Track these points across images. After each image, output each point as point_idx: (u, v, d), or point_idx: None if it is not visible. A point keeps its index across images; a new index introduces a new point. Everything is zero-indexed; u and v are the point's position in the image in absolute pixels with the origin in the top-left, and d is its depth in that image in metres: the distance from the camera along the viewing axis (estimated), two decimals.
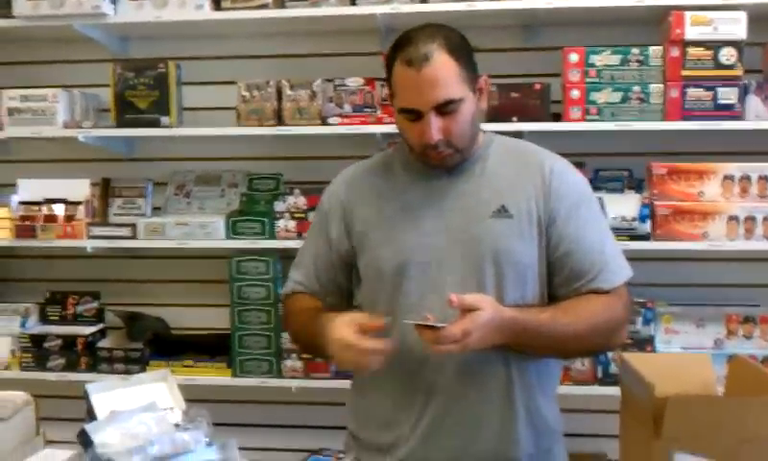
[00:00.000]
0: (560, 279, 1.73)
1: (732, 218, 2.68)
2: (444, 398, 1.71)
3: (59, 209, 3.08)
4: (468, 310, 1.55)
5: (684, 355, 2.63)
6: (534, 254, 1.73)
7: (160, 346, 3.13)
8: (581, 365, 2.79)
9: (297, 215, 2.93)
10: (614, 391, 2.56)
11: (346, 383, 2.86)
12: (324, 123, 2.90)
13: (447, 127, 1.68)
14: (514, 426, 1.72)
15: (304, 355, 2.95)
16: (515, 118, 2.76)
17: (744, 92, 2.66)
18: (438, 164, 1.74)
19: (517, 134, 2.41)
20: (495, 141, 1.83)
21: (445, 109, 1.66)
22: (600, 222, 1.82)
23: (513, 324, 1.61)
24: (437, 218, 1.75)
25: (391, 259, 1.75)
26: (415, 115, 1.68)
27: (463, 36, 1.73)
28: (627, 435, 1.60)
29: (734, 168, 2.71)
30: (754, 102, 2.67)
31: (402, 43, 1.69)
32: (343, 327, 1.62)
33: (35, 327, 3.22)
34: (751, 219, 2.68)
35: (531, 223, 1.73)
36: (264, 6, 2.86)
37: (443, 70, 1.65)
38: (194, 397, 1.85)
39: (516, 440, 1.72)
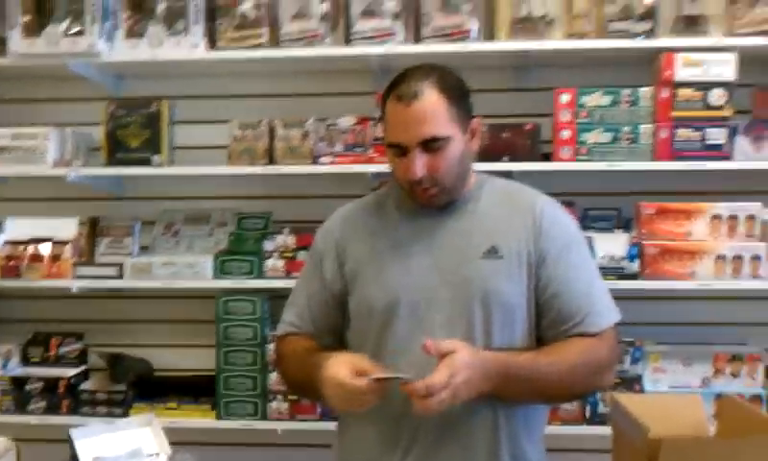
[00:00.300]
0: (547, 321, 1.74)
1: (720, 257, 2.69)
2: (428, 441, 1.70)
3: (44, 249, 3.04)
4: (444, 356, 1.55)
5: (675, 396, 2.60)
6: (523, 295, 1.73)
7: (144, 388, 3.06)
8: (569, 405, 2.75)
9: (286, 254, 2.91)
10: (603, 431, 2.59)
11: (332, 425, 2.80)
12: (316, 162, 2.91)
13: (433, 164, 1.70)
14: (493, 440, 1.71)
15: (291, 397, 2.89)
16: (505, 158, 2.78)
17: (732, 133, 2.70)
18: (425, 203, 1.75)
19: (507, 174, 2.44)
20: (488, 182, 1.85)
21: (431, 145, 1.69)
22: (588, 264, 1.82)
23: (495, 364, 1.60)
24: (427, 256, 1.75)
25: (381, 298, 1.75)
26: (401, 151, 1.70)
27: (459, 77, 1.78)
28: None
29: (722, 208, 2.73)
30: (742, 142, 2.71)
31: (397, 80, 1.74)
32: (337, 366, 1.61)
33: (16, 368, 3.14)
34: (738, 258, 2.68)
35: (521, 264, 1.73)
36: (259, 45, 2.89)
37: (431, 107, 1.69)
38: (178, 439, 1.84)
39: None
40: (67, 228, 3.09)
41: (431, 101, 1.68)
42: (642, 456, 1.40)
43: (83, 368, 3.15)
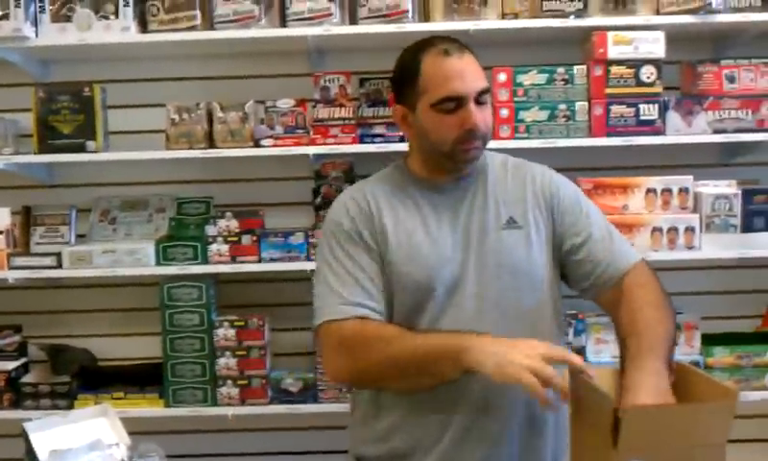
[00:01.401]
0: (580, 272, 1.81)
1: (656, 230, 2.79)
2: (470, 409, 1.73)
3: None
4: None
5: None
6: (544, 260, 1.80)
7: (88, 379, 3.02)
8: None
9: (230, 239, 2.89)
10: None
11: (281, 408, 2.88)
12: (257, 145, 2.88)
13: (483, 117, 1.73)
14: (540, 434, 1.78)
15: (240, 382, 2.90)
16: None
17: (664, 108, 2.78)
18: (466, 159, 1.77)
19: None
20: (488, 157, 1.88)
21: (482, 98, 1.74)
22: (598, 212, 1.90)
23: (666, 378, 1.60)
24: (452, 232, 1.79)
25: (416, 275, 1.75)
26: (454, 105, 1.71)
27: None
28: (580, 446, 1.63)
29: (656, 181, 2.82)
30: (673, 117, 2.79)
31: (428, 42, 1.78)
32: (531, 347, 1.57)
33: None
34: (673, 230, 2.78)
35: (539, 230, 1.81)
36: (193, 28, 2.82)
37: (476, 62, 1.76)
38: (127, 430, 1.80)
39: (541, 447, 1.79)
40: None
41: (473, 57, 1.76)
42: (604, 428, 1.43)
43: (23, 361, 3.08)
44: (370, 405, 1.86)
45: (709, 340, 2.92)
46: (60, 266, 2.92)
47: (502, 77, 2.80)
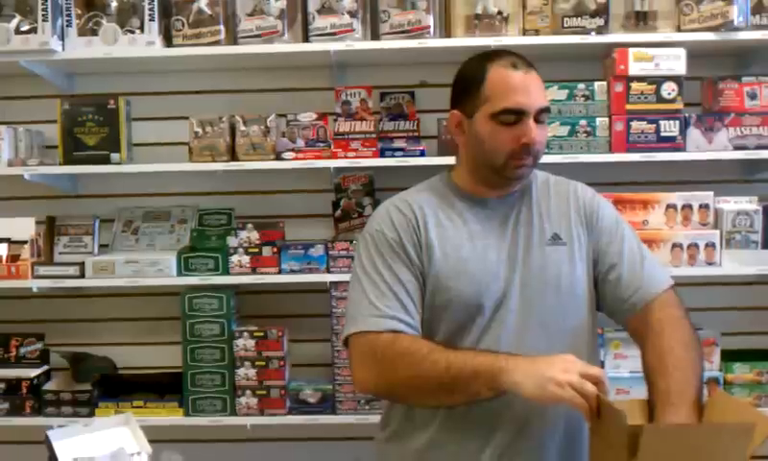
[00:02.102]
0: (611, 294, 1.81)
1: (676, 245, 2.78)
2: (510, 427, 1.73)
3: (2, 249, 2.99)
4: None
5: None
6: (585, 277, 1.81)
7: (109, 387, 3.05)
8: None
9: (251, 250, 2.91)
10: None
11: (300, 419, 2.90)
12: (278, 158, 2.91)
13: (540, 135, 1.74)
14: (577, 450, 1.77)
15: (259, 392, 2.92)
16: None
17: (685, 125, 2.78)
18: (516, 176, 1.77)
19: None
20: (533, 173, 1.87)
21: (541, 117, 1.74)
22: (634, 234, 1.89)
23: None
24: (498, 248, 1.78)
25: (465, 291, 1.74)
26: (515, 118, 1.71)
27: None
28: None
29: (677, 197, 2.82)
30: (694, 134, 2.79)
31: (497, 54, 1.79)
32: (568, 361, 1.57)
33: None
34: (694, 246, 2.78)
35: (581, 247, 1.81)
36: (216, 42, 2.86)
37: (540, 81, 1.77)
38: (146, 438, 1.82)
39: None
40: (24, 227, 3.03)
41: (538, 75, 1.77)
42: (620, 445, 1.44)
43: (45, 368, 3.12)
44: (403, 422, 1.84)
45: (729, 356, 2.91)
46: (82, 276, 2.95)
47: None
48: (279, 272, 2.90)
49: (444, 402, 1.71)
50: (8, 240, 3.01)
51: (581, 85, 2.81)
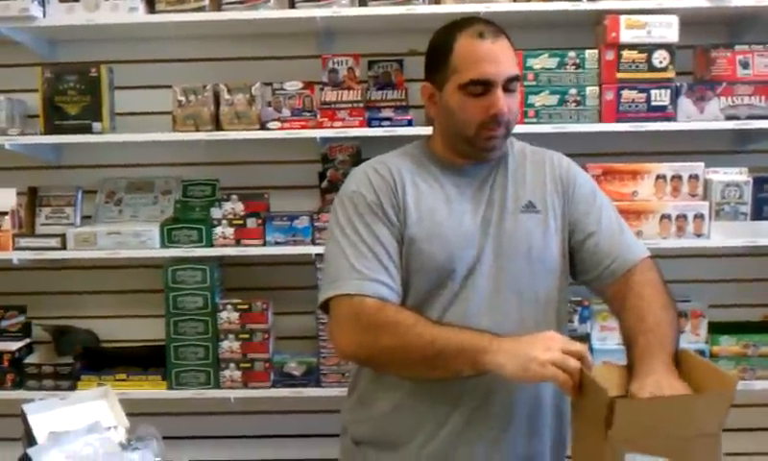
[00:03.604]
0: (587, 262, 1.79)
1: (665, 217, 2.76)
2: (478, 391, 1.71)
3: None
4: None
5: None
6: (561, 247, 1.79)
7: (91, 360, 3.01)
8: None
9: (235, 222, 2.87)
10: None
11: (284, 392, 2.87)
12: (263, 127, 2.86)
13: (509, 104, 1.70)
14: (542, 421, 1.76)
15: (243, 365, 2.88)
16: None
17: (676, 94, 2.75)
18: (487, 147, 1.74)
19: None
20: (508, 142, 1.84)
21: (511, 85, 1.70)
22: (611, 205, 1.87)
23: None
24: (474, 213, 1.76)
25: (438, 255, 1.72)
26: (482, 89, 1.68)
27: None
28: (579, 438, 1.62)
29: (666, 168, 2.79)
30: (685, 103, 2.75)
31: (464, 23, 1.74)
32: (550, 339, 1.56)
33: None
34: (682, 217, 2.75)
35: (555, 217, 1.78)
36: (200, 8, 2.80)
37: (509, 48, 1.73)
38: (129, 411, 1.78)
39: (543, 433, 1.77)
40: (5, 198, 2.97)
41: (507, 42, 1.72)
42: (600, 417, 1.43)
43: (27, 341, 3.07)
44: (370, 385, 1.82)
45: (716, 328, 2.90)
46: (64, 247, 2.91)
47: None
48: (264, 244, 2.86)
49: (424, 375, 1.68)
50: None
51: (572, 54, 2.77)
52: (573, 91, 2.75)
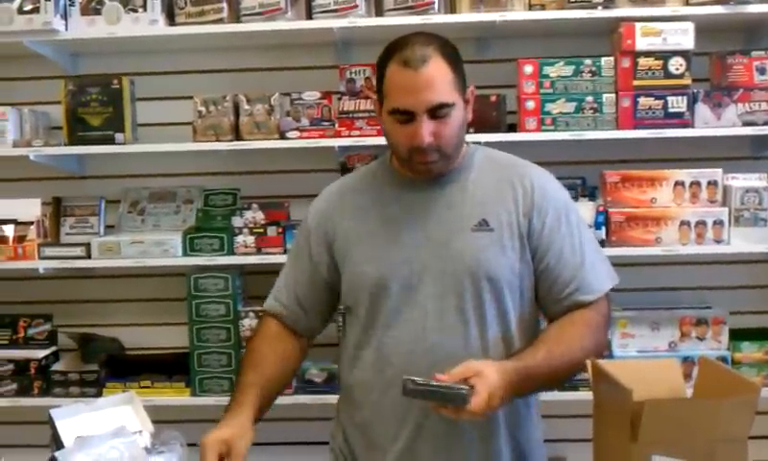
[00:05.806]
0: (544, 291, 1.77)
1: (684, 223, 2.75)
2: (421, 408, 1.70)
3: (8, 230, 2.99)
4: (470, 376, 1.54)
5: (652, 360, 2.66)
6: (515, 267, 1.74)
7: (116, 367, 3.06)
8: None
9: (255, 230, 2.91)
10: (573, 396, 2.68)
11: (306, 399, 2.90)
12: (282, 137, 2.89)
13: (438, 131, 1.67)
14: (495, 440, 1.75)
15: None
16: (471, 129, 2.77)
17: (693, 100, 2.75)
18: (423, 170, 1.73)
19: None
20: (478, 152, 1.84)
21: (438, 112, 1.66)
22: (581, 233, 1.80)
23: (518, 374, 1.60)
24: (418, 230, 1.75)
25: (370, 274, 1.75)
26: (406, 117, 1.67)
27: (455, 46, 1.75)
28: (602, 440, 1.62)
29: (685, 174, 2.78)
30: (702, 109, 2.76)
31: (397, 46, 1.70)
32: (212, 444, 1.72)
33: None
34: (702, 223, 2.75)
35: (512, 236, 1.74)
36: (219, 20, 2.84)
37: (438, 74, 1.66)
38: (153, 418, 1.82)
39: (498, 451, 1.75)
40: (30, 208, 3.04)
41: (438, 67, 1.66)
42: (625, 419, 1.43)
43: (53, 349, 3.13)
44: (346, 395, 1.92)
45: (737, 335, 2.89)
46: (89, 256, 2.96)
47: (528, 69, 2.79)
48: (285, 252, 2.89)
49: None
50: (14, 221, 3.02)
51: (587, 61, 2.77)
52: (590, 99, 2.76)
